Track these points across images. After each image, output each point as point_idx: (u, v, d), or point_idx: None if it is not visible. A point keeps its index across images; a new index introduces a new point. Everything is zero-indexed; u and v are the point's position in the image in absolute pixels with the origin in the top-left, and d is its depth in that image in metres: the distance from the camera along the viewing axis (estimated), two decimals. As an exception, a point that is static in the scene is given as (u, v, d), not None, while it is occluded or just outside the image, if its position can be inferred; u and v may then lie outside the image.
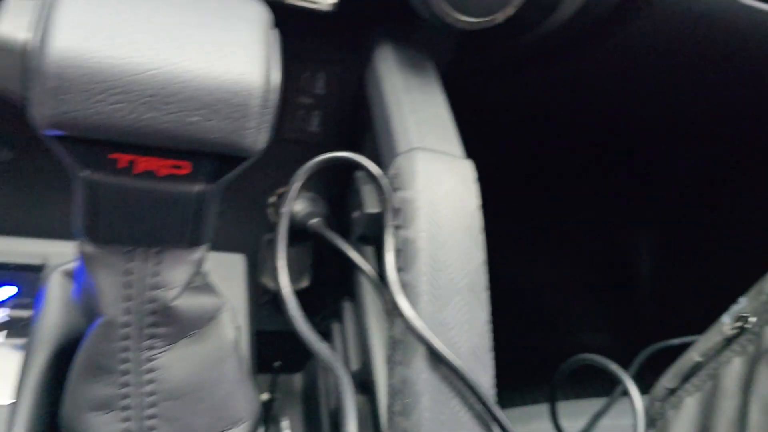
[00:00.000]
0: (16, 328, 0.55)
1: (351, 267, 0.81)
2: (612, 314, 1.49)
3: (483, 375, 0.50)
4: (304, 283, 0.82)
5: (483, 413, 0.49)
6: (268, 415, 0.80)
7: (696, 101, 1.05)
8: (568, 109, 1.13)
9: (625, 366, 0.72)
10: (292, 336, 0.87)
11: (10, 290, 0.58)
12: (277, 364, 0.83)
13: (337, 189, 0.84)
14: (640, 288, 1.49)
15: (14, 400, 0.50)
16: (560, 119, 1.18)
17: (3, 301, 0.57)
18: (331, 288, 0.86)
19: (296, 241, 0.83)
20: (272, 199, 0.81)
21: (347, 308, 0.80)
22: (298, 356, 0.90)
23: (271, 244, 0.82)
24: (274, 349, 0.83)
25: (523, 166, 1.33)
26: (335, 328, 0.82)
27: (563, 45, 0.80)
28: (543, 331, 1.40)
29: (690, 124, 1.21)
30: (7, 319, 0.56)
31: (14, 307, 0.57)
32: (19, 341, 0.54)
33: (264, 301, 0.84)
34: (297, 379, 0.91)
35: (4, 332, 0.55)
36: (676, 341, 0.93)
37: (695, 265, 1.44)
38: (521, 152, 1.30)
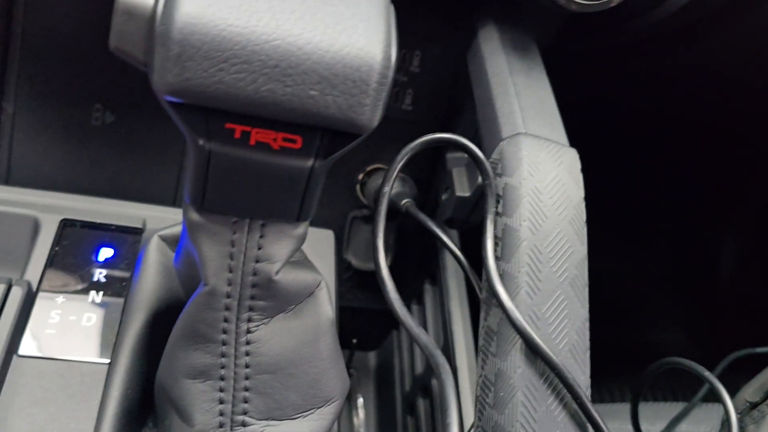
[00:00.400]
0: (112, 288, 0.57)
1: (435, 250, 0.80)
2: (690, 314, 1.44)
3: (580, 374, 0.49)
4: (387, 262, 0.82)
5: (578, 413, 0.47)
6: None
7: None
8: (666, 101, 1.08)
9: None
10: (369, 313, 0.88)
11: (107, 252, 0.60)
12: (354, 341, 0.83)
13: (424, 169, 0.83)
14: (723, 289, 1.43)
15: (110, 360, 0.51)
16: (657, 110, 1.13)
17: (101, 262, 0.59)
18: (413, 269, 0.85)
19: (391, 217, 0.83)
20: (361, 177, 0.81)
21: (428, 291, 0.79)
22: (374, 334, 0.90)
23: (357, 221, 0.82)
24: (352, 326, 0.83)
25: (612, 155, 1.29)
26: (415, 309, 0.82)
27: (675, 33, 0.76)
28: (618, 325, 1.36)
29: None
30: (104, 280, 0.57)
31: (111, 268, 0.58)
32: (116, 301, 0.56)
33: (345, 277, 0.85)
34: (372, 357, 0.91)
35: (101, 293, 0.56)
36: (763, 350, 0.88)
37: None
38: (610, 141, 1.25)
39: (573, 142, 0.61)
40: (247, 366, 0.44)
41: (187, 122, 0.36)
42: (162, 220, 0.60)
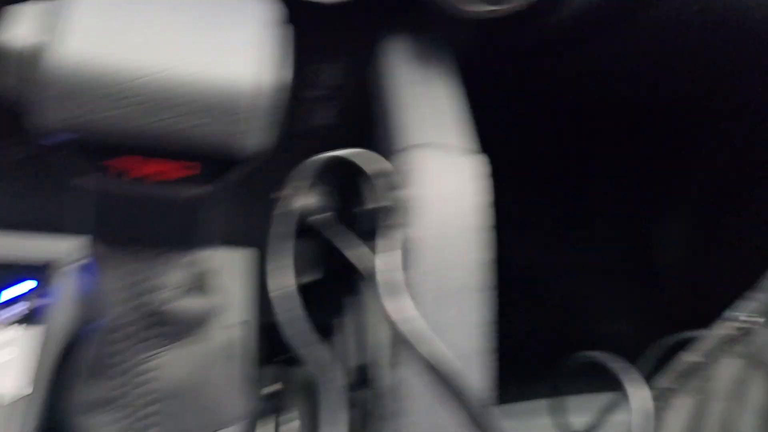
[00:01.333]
0: (35, 321, 0.57)
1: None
2: (633, 302, 1.46)
3: (479, 379, 0.50)
4: (317, 275, 0.83)
5: (472, 420, 0.49)
6: (279, 405, 0.81)
7: (726, 86, 1.01)
8: (592, 93, 1.10)
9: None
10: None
11: (29, 284, 0.60)
12: (288, 356, 0.84)
13: (352, 182, 0.84)
14: (665, 276, 1.46)
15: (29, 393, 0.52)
16: (585, 102, 1.15)
17: (21, 295, 0.59)
18: (335, 282, 0.86)
19: (307, 233, 0.83)
20: (282, 193, 0.82)
21: (348, 304, 0.80)
22: None
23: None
24: (281, 340, 0.83)
25: (540, 155, 1.31)
26: (336, 323, 0.82)
27: (592, 26, 0.77)
28: (560, 319, 1.38)
29: (723, 108, 1.17)
30: (26, 312, 0.58)
31: (33, 300, 0.59)
32: (37, 333, 0.56)
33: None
34: (302, 371, 0.92)
35: (24, 325, 0.57)
36: (688, 335, 0.90)
37: (723, 254, 1.40)
38: (537, 140, 1.27)
39: (490, 146, 0.62)
40: (149, 393, 0.46)
41: (67, 160, 0.37)
42: (74, 250, 0.61)
